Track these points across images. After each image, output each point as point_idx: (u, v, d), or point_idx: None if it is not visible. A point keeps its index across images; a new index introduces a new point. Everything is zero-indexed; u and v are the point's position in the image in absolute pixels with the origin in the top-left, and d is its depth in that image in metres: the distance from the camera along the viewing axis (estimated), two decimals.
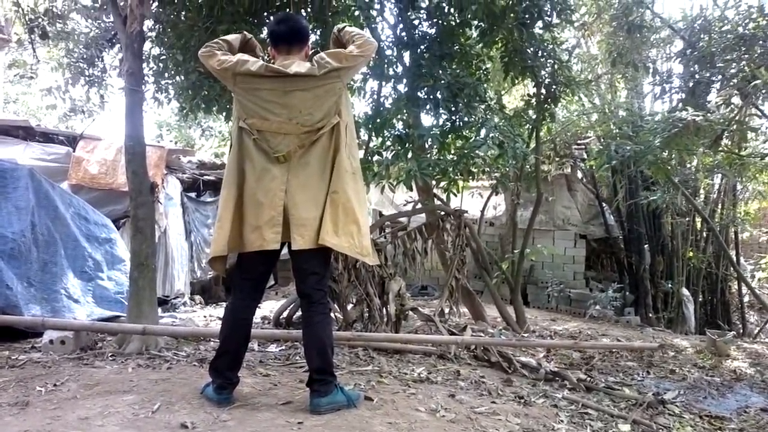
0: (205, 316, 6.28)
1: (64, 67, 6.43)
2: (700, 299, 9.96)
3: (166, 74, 5.45)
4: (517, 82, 6.01)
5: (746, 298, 10.73)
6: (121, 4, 4.10)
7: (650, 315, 9.03)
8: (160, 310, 4.72)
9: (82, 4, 6.18)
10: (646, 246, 9.53)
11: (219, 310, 7.05)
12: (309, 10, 4.90)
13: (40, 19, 6.21)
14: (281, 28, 2.63)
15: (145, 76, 5.02)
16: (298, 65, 2.47)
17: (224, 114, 5.57)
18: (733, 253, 9.97)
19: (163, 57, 5.40)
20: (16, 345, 3.82)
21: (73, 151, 6.58)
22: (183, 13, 4.91)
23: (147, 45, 5.00)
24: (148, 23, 4.96)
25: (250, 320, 2.66)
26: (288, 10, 4.59)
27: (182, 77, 5.16)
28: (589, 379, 3.88)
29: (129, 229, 4.59)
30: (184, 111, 5.51)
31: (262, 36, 5.17)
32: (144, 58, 4.71)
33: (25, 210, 4.42)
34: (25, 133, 6.52)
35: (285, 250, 2.57)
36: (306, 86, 2.46)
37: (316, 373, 2.49)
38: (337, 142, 2.53)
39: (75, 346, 3.61)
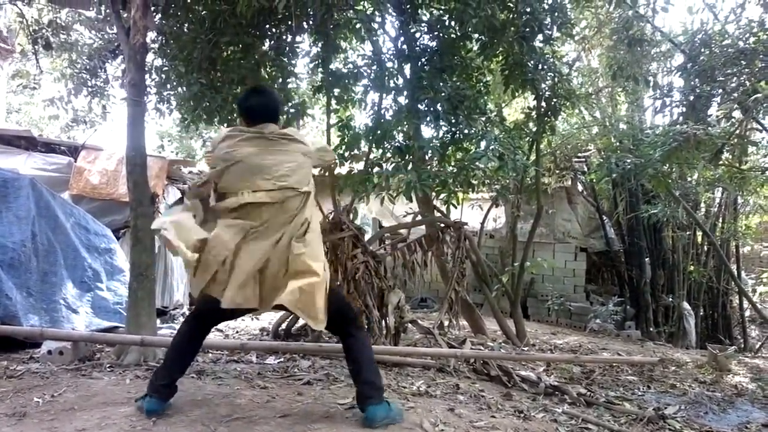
0: None
1: (67, 78, 6.48)
2: (701, 313, 9.92)
3: (168, 85, 5.48)
4: (517, 94, 6.04)
5: (747, 313, 10.67)
6: (125, 15, 4.14)
7: (651, 329, 8.99)
8: (158, 321, 4.71)
9: (85, 16, 6.25)
10: (646, 259, 9.51)
11: None
12: (310, 22, 4.94)
13: (43, 30, 6.29)
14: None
15: (147, 87, 5.05)
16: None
17: (225, 125, 5.59)
18: (734, 267, 9.96)
19: (166, 68, 5.44)
20: (14, 355, 3.80)
21: (75, 162, 6.60)
22: (186, 25, 4.95)
23: (149, 56, 5.04)
24: (151, 35, 5.01)
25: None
26: (290, 23, 4.64)
27: (184, 88, 5.19)
28: (589, 393, 3.85)
29: (129, 240, 4.59)
30: (186, 122, 5.54)
31: (264, 47, 5.22)
32: (146, 69, 4.74)
33: (26, 220, 4.42)
34: (27, 143, 6.55)
35: None
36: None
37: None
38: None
39: (73, 356, 3.59)
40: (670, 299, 9.19)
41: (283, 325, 5.07)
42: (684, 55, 6.11)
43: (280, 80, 5.37)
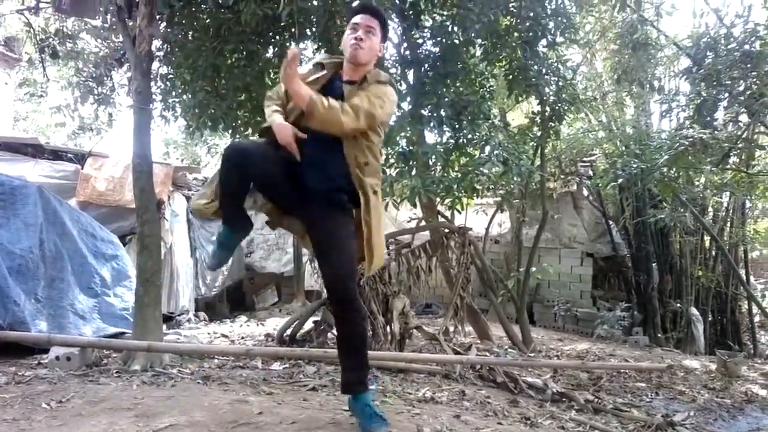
0: (209, 333, 6.26)
1: (74, 86, 6.53)
2: (710, 319, 9.83)
3: (174, 93, 5.52)
4: (521, 99, 6.04)
5: (756, 318, 10.58)
6: (130, 24, 4.18)
7: (659, 335, 8.91)
8: (165, 326, 4.72)
9: (91, 25, 6.30)
10: (654, 264, 9.44)
11: (223, 327, 7.03)
12: (313, 29, 4.96)
13: (50, 39, 6.35)
14: None
15: (152, 94, 5.08)
16: None
17: (230, 132, 5.62)
18: (742, 272, 9.86)
19: (171, 76, 5.48)
20: (22, 361, 3.82)
21: (82, 169, 6.65)
22: (191, 33, 4.99)
23: (155, 64, 5.07)
24: (157, 43, 5.04)
25: None
26: (293, 30, 4.66)
27: (189, 96, 5.23)
28: (596, 400, 3.83)
29: (135, 246, 4.61)
30: (191, 129, 5.57)
31: (268, 55, 5.25)
32: (152, 77, 4.78)
33: (34, 227, 4.45)
34: (34, 150, 6.61)
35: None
36: None
37: None
38: None
39: (81, 362, 3.60)
40: (678, 305, 9.11)
41: (288, 331, 5.07)
42: (689, 59, 6.09)
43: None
